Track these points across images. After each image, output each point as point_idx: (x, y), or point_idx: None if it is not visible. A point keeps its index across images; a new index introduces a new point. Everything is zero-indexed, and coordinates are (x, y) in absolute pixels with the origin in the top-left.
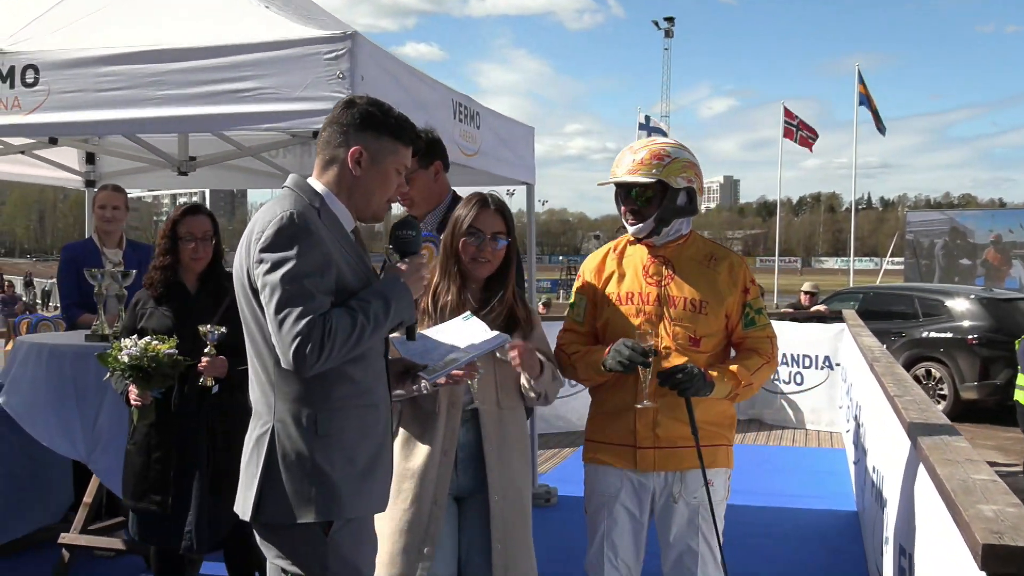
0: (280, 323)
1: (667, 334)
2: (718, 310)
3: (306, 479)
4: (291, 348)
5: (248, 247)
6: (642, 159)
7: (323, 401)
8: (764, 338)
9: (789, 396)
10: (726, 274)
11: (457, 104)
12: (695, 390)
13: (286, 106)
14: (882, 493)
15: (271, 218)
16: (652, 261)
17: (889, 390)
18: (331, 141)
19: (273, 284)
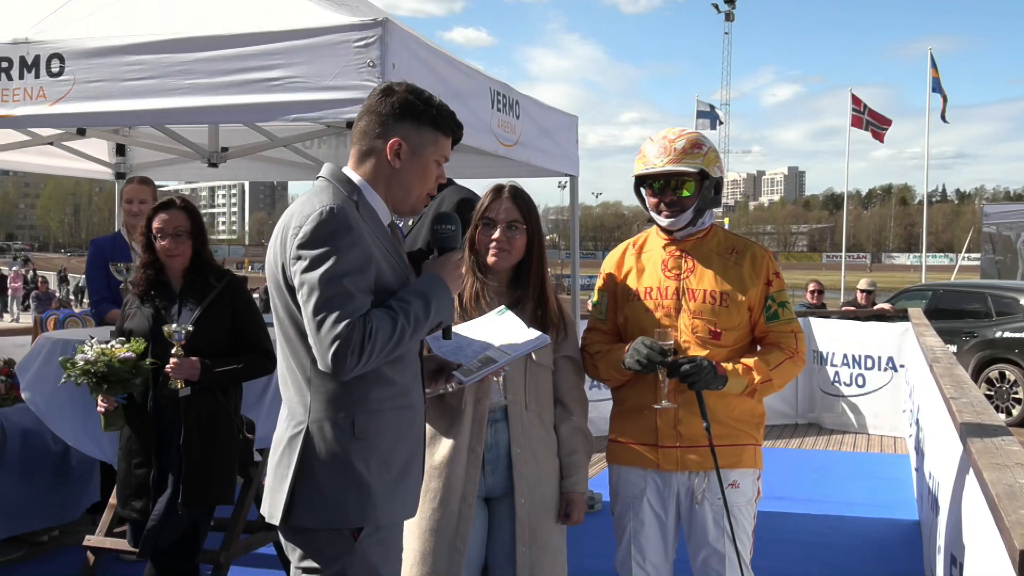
0: (319, 325)
1: (686, 328)
2: (740, 303)
3: (341, 483)
4: (330, 351)
5: (283, 241)
6: (683, 148)
7: (361, 403)
8: (788, 332)
9: (850, 399)
10: (749, 266)
11: (495, 92)
12: (704, 383)
13: (315, 95)
14: (937, 500)
15: (309, 212)
16: (672, 255)
17: (946, 392)
18: (368, 131)
19: (312, 283)
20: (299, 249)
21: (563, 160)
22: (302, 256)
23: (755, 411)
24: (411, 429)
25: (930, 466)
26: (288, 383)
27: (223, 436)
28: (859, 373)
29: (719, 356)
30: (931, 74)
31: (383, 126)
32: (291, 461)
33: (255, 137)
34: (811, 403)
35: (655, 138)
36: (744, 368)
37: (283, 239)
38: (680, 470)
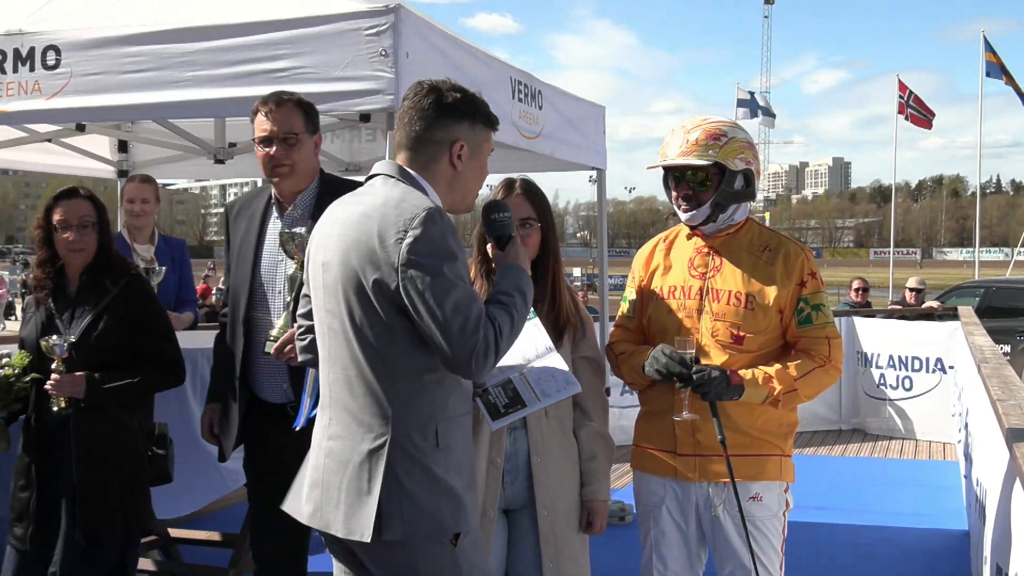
0: (451, 331)
1: (707, 331)
2: (768, 306)
3: (435, 492)
4: (471, 355)
5: (381, 244)
6: (696, 139)
7: (442, 412)
8: (821, 338)
9: (897, 403)
10: (781, 265)
11: (516, 82)
12: (715, 394)
13: (325, 87)
14: (984, 508)
15: (412, 214)
16: (699, 252)
17: (993, 394)
18: (422, 135)
19: (440, 287)
20: (414, 255)
21: (590, 152)
22: (421, 263)
23: (783, 420)
24: (471, 434)
25: (978, 472)
26: (359, 394)
27: (122, 457)
28: (906, 375)
29: (741, 363)
30: (985, 57)
31: (443, 129)
32: (374, 476)
33: None
34: (855, 407)
35: (677, 127)
36: (764, 377)
37: (380, 242)
38: (699, 479)
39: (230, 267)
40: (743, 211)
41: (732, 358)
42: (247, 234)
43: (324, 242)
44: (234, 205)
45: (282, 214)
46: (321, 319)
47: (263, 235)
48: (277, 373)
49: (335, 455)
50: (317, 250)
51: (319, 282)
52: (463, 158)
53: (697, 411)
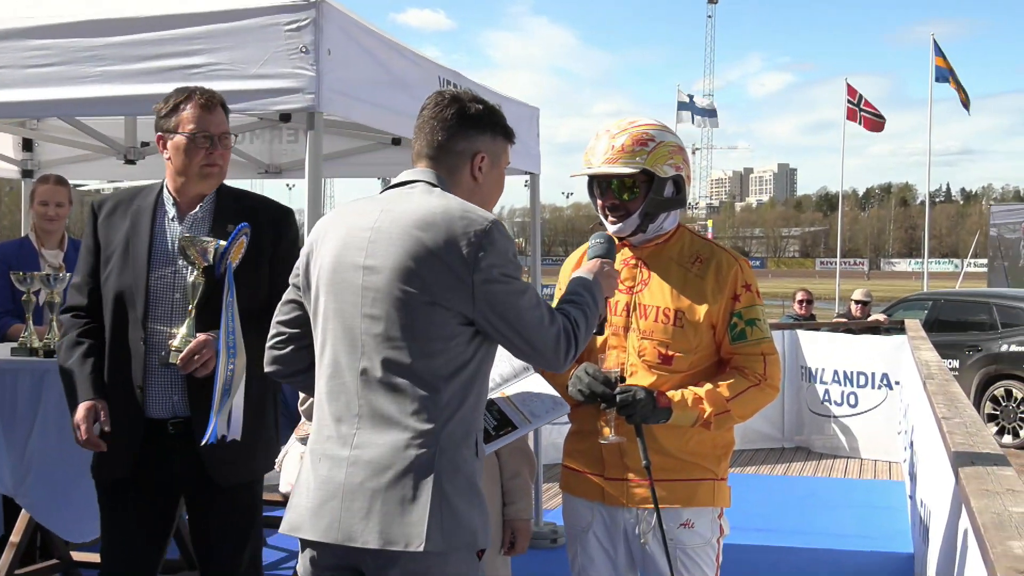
0: (536, 329)
1: (633, 350)
2: (698, 323)
3: (473, 504)
4: (556, 342)
5: (442, 254)
6: (623, 145)
7: (477, 421)
8: (756, 355)
9: (841, 420)
10: (712, 278)
11: (445, 81)
12: (640, 416)
13: (242, 84)
14: (928, 530)
15: (481, 225)
16: (626, 264)
17: (938, 412)
18: (444, 145)
19: (515, 291)
20: (488, 265)
21: (523, 156)
22: (495, 273)
23: (717, 442)
24: None
25: (923, 493)
26: (405, 402)
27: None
28: (851, 391)
29: (670, 383)
30: (935, 62)
31: (466, 140)
32: (422, 483)
33: None
34: (799, 425)
35: (602, 131)
36: (694, 399)
37: (448, 252)
38: (627, 504)
39: (96, 268)
40: (673, 219)
41: (660, 379)
42: (135, 235)
43: (359, 245)
44: (105, 203)
45: (182, 216)
46: (350, 325)
47: (155, 237)
48: (168, 385)
49: (364, 464)
50: (346, 252)
51: (349, 287)
52: (483, 170)
53: (624, 434)
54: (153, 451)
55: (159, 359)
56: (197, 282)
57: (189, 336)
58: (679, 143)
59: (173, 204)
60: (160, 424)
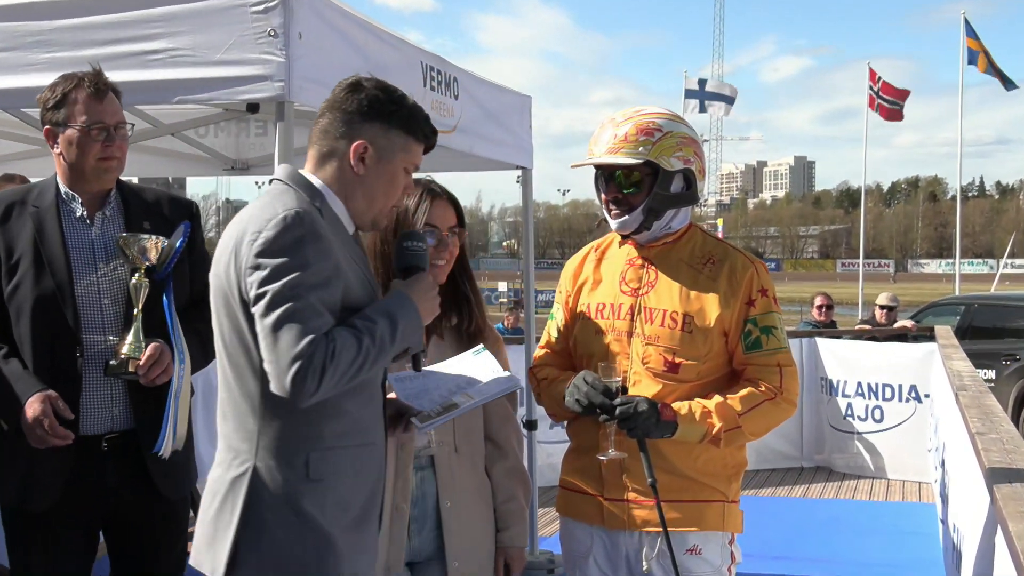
0: (277, 341)
1: (637, 357)
2: (709, 328)
3: (296, 530)
4: (289, 371)
5: (237, 251)
6: (626, 134)
7: (316, 439)
8: (771, 366)
9: (866, 437)
10: (725, 281)
11: (428, 68)
12: (642, 430)
13: (205, 72)
14: (962, 558)
15: (271, 216)
16: (632, 264)
17: (972, 427)
18: (330, 130)
19: (273, 294)
20: (259, 257)
21: (514, 149)
22: (262, 265)
23: (728, 461)
24: (371, 468)
25: (955, 516)
26: (229, 416)
27: None
28: (876, 405)
29: (676, 395)
30: (966, 43)
31: (348, 125)
32: (235, 507)
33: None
34: (819, 442)
35: (607, 120)
36: (703, 412)
37: (236, 248)
38: (629, 528)
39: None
40: (683, 217)
41: (666, 388)
42: (44, 240)
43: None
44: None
45: (91, 217)
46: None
47: (68, 241)
48: (107, 399)
49: (209, 486)
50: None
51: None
52: (367, 161)
53: (626, 449)
54: (85, 471)
55: (107, 370)
56: (140, 284)
57: (138, 343)
58: (691, 134)
59: (80, 204)
60: (93, 441)
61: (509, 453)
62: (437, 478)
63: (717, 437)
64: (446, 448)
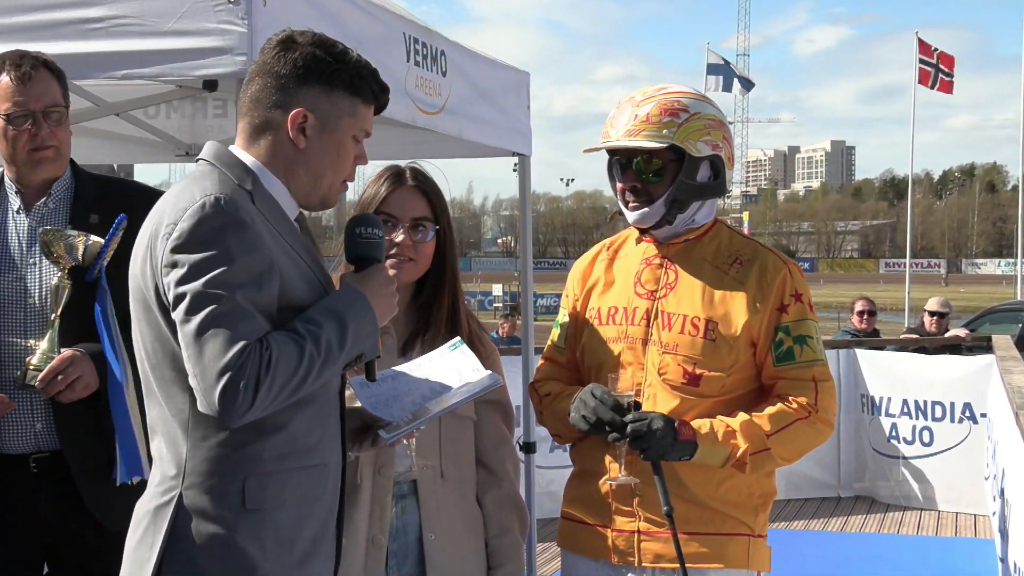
0: (201, 352)
1: (652, 367)
2: (735, 336)
3: (226, 567)
4: (217, 387)
5: (152, 247)
6: (648, 114)
7: (254, 461)
8: (806, 381)
9: (913, 462)
10: (755, 283)
11: (412, 40)
12: (657, 450)
13: (154, 44)
14: None
15: (187, 204)
16: (649, 263)
17: None
18: (262, 98)
19: (193, 296)
20: (175, 253)
21: (510, 132)
22: (179, 262)
23: (754, 489)
24: (321, 496)
25: (1016, 554)
26: (158, 435)
27: None
28: (925, 426)
29: (696, 410)
30: None
31: (283, 92)
32: (156, 539)
33: (76, 102)
34: (859, 468)
35: (626, 99)
36: (726, 432)
37: (151, 243)
38: (640, 564)
39: None
40: (708, 210)
41: (684, 404)
42: None
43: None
44: None
45: (28, 208)
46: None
47: (2, 235)
48: (28, 412)
49: (134, 515)
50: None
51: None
52: (308, 132)
53: (637, 473)
54: (12, 498)
55: (16, 380)
56: (62, 285)
57: (51, 352)
58: (719, 116)
59: (17, 193)
60: (17, 462)
61: (504, 480)
62: (420, 507)
63: (742, 461)
64: (431, 473)
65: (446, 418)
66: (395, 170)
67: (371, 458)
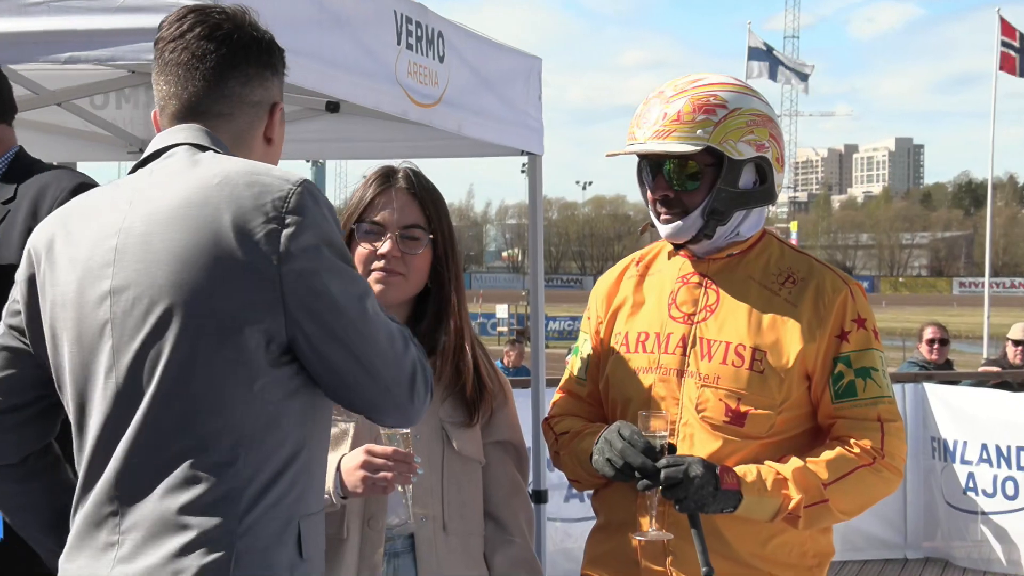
0: (384, 347)
1: (689, 403)
2: (788, 368)
3: None
4: (414, 382)
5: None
6: (679, 112)
7: (300, 501)
8: (870, 421)
9: (994, 519)
10: (811, 306)
11: (404, 19)
12: (696, 502)
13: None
14: None
15: (275, 190)
16: (686, 282)
17: None
18: (228, 92)
19: (352, 292)
20: (301, 249)
21: (518, 128)
22: (312, 247)
23: (808, 547)
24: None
25: None
26: (182, 483)
27: None
28: (1008, 476)
29: (740, 455)
30: None
31: (262, 84)
32: None
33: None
34: (930, 525)
35: (654, 94)
36: (775, 480)
37: (239, 240)
38: None
39: None
40: (754, 221)
41: (727, 446)
42: None
43: (104, 260)
44: None
45: None
46: (93, 378)
47: None
48: None
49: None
50: (88, 275)
51: (95, 326)
52: (275, 128)
53: (671, 527)
54: None
55: None
56: None
57: None
58: (765, 111)
59: None
60: None
61: (516, 536)
62: (418, 566)
63: (795, 514)
64: (431, 525)
65: (450, 459)
66: (384, 170)
67: (359, 507)
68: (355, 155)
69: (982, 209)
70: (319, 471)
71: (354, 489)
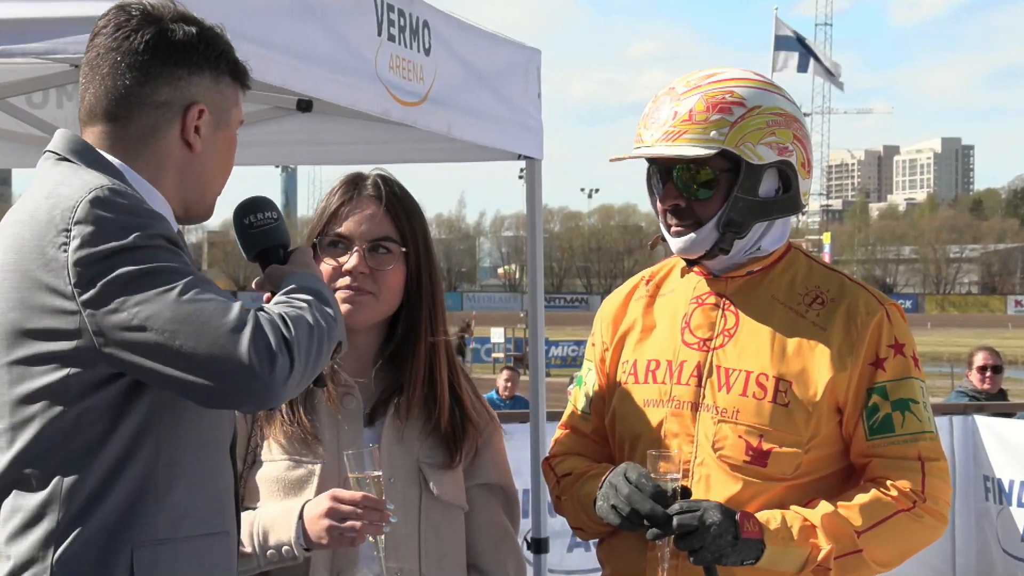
0: (209, 318)
1: (705, 440)
2: (816, 400)
3: None
4: (253, 346)
5: (32, 268)
6: (691, 111)
7: (144, 526)
8: (909, 460)
9: None
10: (841, 329)
11: (386, 8)
12: (712, 552)
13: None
14: None
15: (66, 203)
16: (701, 303)
17: None
18: (134, 92)
19: (155, 284)
20: (89, 256)
21: (514, 129)
22: (104, 264)
23: None
24: (226, 569)
25: None
26: (20, 494)
27: None
28: None
29: (763, 499)
30: None
31: (169, 83)
32: None
33: None
34: (984, 571)
35: (664, 91)
36: (802, 527)
37: (40, 262)
38: None
39: None
40: (778, 234)
41: (747, 489)
42: None
43: None
44: None
45: None
46: None
47: None
48: None
49: None
50: None
51: None
52: (203, 132)
53: None
54: None
55: None
56: None
57: None
58: (789, 109)
59: None
60: None
61: None
62: None
63: (825, 566)
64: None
65: (428, 505)
66: (351, 177)
67: (325, 560)
68: (330, 160)
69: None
70: (184, 488)
71: (318, 540)
